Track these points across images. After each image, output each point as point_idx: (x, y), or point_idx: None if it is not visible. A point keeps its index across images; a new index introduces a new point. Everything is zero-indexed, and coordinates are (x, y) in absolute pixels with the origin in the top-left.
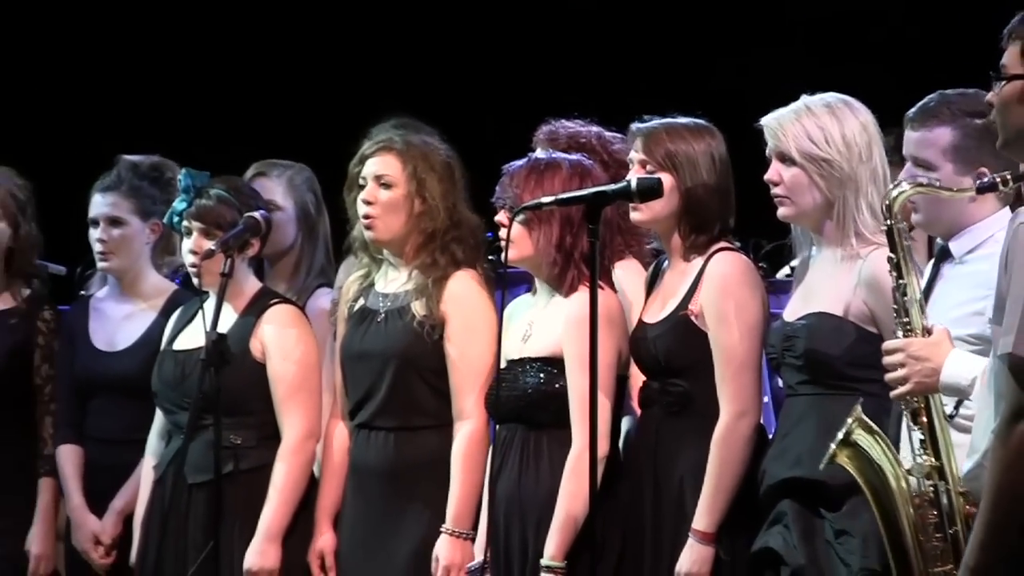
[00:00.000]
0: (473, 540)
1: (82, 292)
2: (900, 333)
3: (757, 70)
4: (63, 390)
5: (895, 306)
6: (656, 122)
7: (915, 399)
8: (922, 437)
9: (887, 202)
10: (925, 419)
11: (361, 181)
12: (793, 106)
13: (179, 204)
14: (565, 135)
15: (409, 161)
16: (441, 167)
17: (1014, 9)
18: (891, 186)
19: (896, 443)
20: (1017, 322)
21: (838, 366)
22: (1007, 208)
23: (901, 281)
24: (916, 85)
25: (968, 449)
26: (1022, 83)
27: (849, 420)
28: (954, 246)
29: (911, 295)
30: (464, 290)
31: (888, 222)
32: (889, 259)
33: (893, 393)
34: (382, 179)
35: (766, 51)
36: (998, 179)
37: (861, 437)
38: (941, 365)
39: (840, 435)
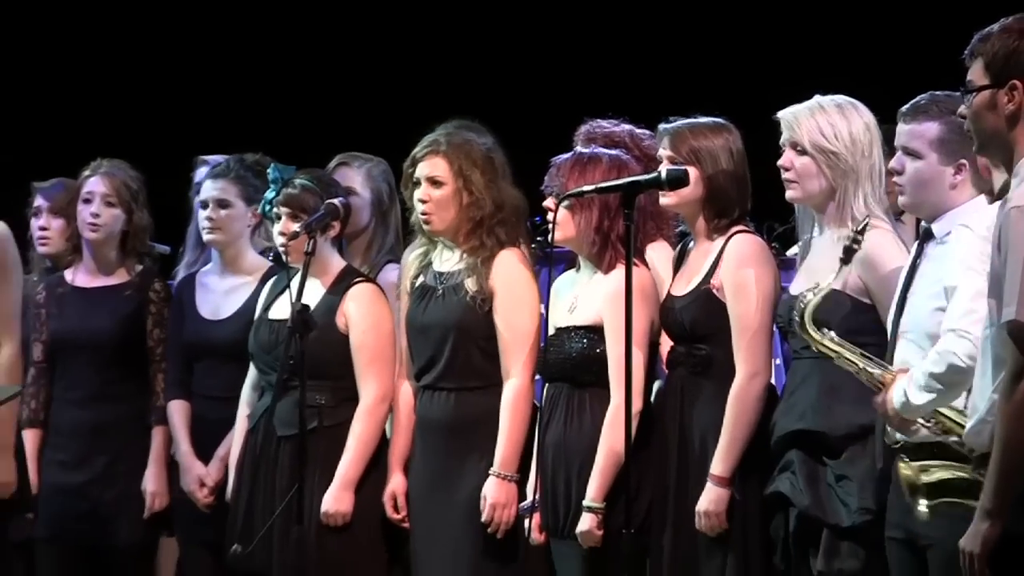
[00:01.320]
0: (517, 483)
1: (176, 268)
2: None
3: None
4: (173, 353)
5: (866, 380)
6: (681, 122)
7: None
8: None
9: (799, 318)
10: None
11: (415, 180)
12: (808, 103)
13: (269, 193)
14: (601, 133)
15: (454, 160)
16: (483, 160)
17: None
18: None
19: None
20: (1016, 294)
21: (837, 333)
22: (983, 196)
23: (855, 366)
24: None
25: (968, 410)
26: (989, 92)
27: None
28: (936, 227)
29: (863, 364)
30: (508, 267)
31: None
32: (833, 355)
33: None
34: (433, 179)
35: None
36: None
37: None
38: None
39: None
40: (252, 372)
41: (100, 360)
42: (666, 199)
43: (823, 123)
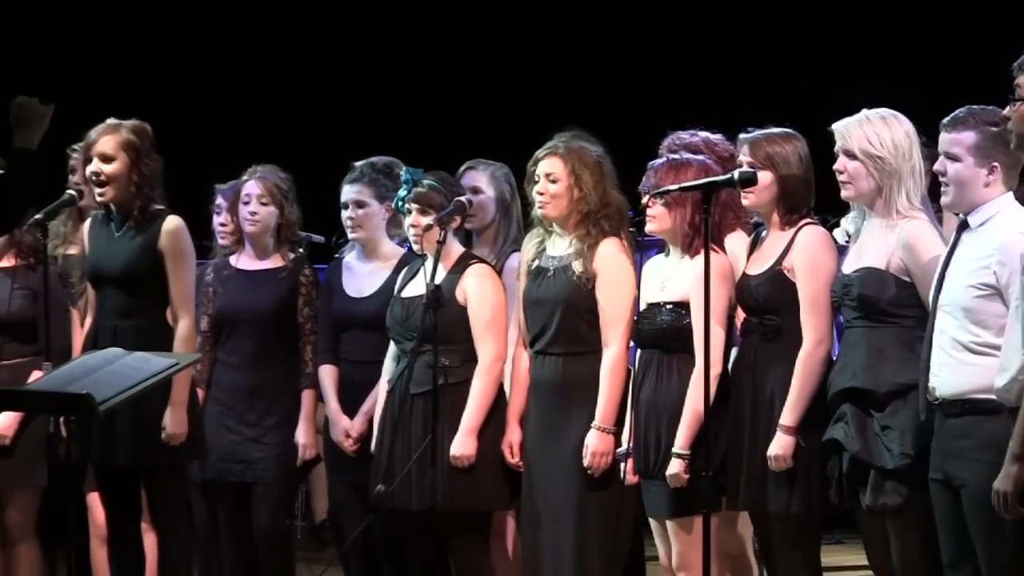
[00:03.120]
0: (615, 435)
1: (336, 256)
2: None
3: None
4: (324, 325)
5: None
6: (758, 132)
7: None
8: None
9: None
10: None
11: (536, 177)
12: (856, 116)
13: (401, 192)
14: (681, 144)
15: (569, 161)
16: (593, 164)
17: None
18: None
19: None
20: None
21: (882, 305)
22: (1010, 192)
23: None
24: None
25: (998, 368)
26: None
27: None
28: (971, 219)
29: None
30: (609, 253)
31: None
32: None
33: None
34: (550, 176)
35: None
36: None
37: None
38: None
39: None
40: (392, 346)
41: (257, 331)
42: (747, 199)
43: (870, 132)
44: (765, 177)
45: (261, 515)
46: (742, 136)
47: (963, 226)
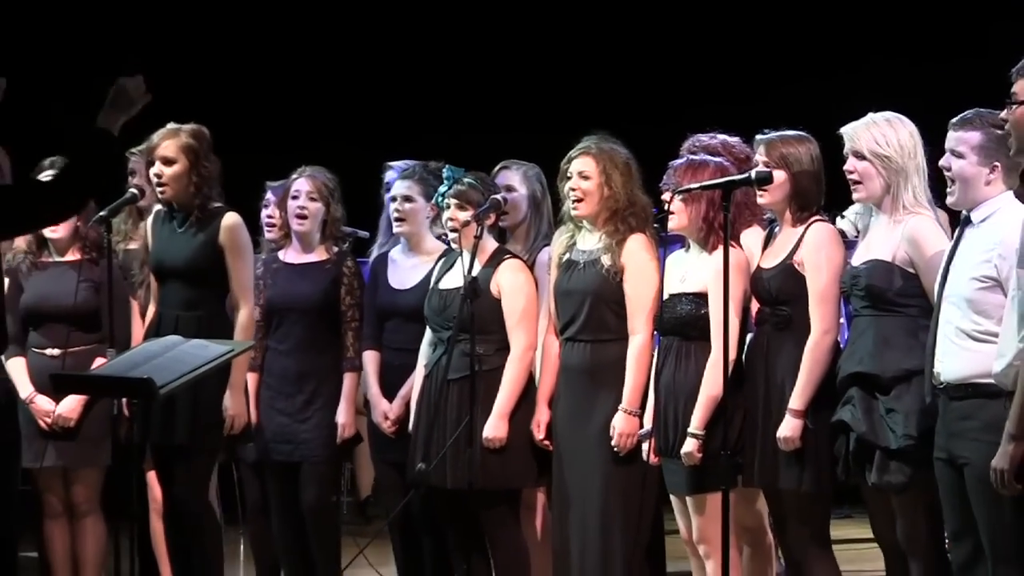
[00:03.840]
0: (639, 416)
1: (371, 249)
2: None
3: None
4: (368, 314)
5: None
6: (773, 134)
7: None
8: None
9: None
10: None
11: (569, 174)
12: (864, 119)
13: (442, 188)
14: (701, 145)
15: (600, 161)
16: (622, 165)
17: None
18: None
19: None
20: None
21: (888, 296)
22: (1011, 191)
23: None
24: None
25: (996, 355)
26: None
27: None
28: (974, 215)
29: None
30: (635, 248)
31: None
32: None
33: None
34: (583, 173)
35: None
36: None
37: None
38: None
39: None
40: (428, 333)
41: (304, 320)
42: (762, 198)
43: (877, 134)
44: (779, 176)
45: (309, 492)
46: (758, 138)
47: (966, 222)
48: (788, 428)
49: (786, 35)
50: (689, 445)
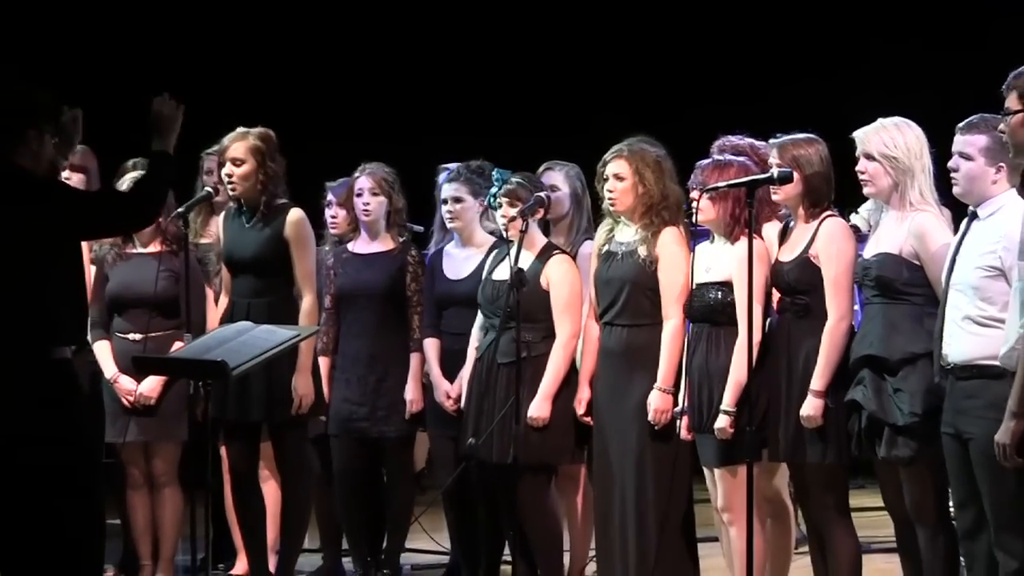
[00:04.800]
0: (673, 394)
1: (428, 245)
2: None
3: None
4: (428, 303)
5: None
6: (785, 137)
7: None
8: None
9: None
10: None
11: (605, 176)
12: (874, 124)
13: (493, 189)
14: (729, 146)
15: (633, 162)
16: (653, 163)
17: None
18: None
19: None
20: None
21: (896, 285)
22: (1013, 189)
23: None
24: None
25: (1002, 339)
26: (1022, 115)
27: None
28: (980, 211)
29: None
30: (669, 240)
31: None
32: None
33: None
34: (617, 175)
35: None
36: None
37: None
38: None
39: None
40: (479, 318)
41: (372, 305)
42: (777, 195)
43: (886, 137)
44: (793, 176)
45: (391, 463)
46: (771, 141)
47: (973, 216)
48: (811, 407)
49: (793, 35)
50: (722, 421)
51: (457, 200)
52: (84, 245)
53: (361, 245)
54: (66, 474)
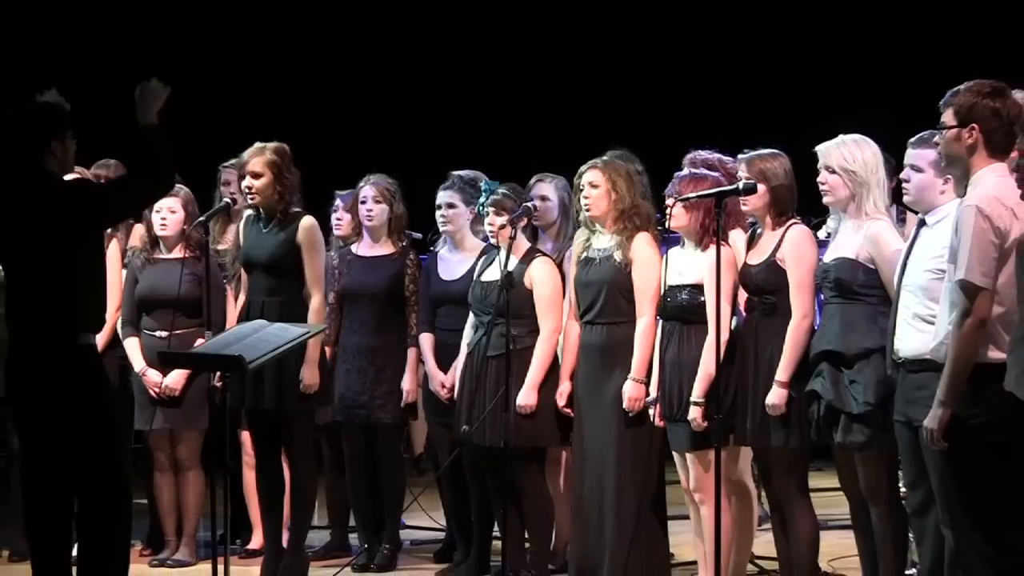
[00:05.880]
0: (645, 384)
1: (430, 248)
2: None
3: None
4: (424, 302)
5: None
6: (752, 153)
7: None
8: None
9: None
10: None
11: (581, 185)
12: (835, 140)
13: (481, 198)
14: (700, 160)
15: (607, 172)
16: (626, 174)
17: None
18: None
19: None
20: (965, 262)
21: (853, 287)
22: (959, 199)
23: None
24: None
25: (933, 334)
26: (956, 131)
27: None
28: (928, 218)
29: None
30: (641, 244)
31: None
32: None
33: None
34: (592, 183)
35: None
36: None
37: None
38: None
39: None
40: (471, 316)
41: (373, 304)
42: (746, 206)
43: (845, 152)
44: (759, 188)
45: (383, 448)
46: (740, 156)
47: (922, 223)
48: (775, 396)
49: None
50: (694, 411)
51: (450, 206)
52: (117, 250)
53: (364, 248)
54: (95, 439)
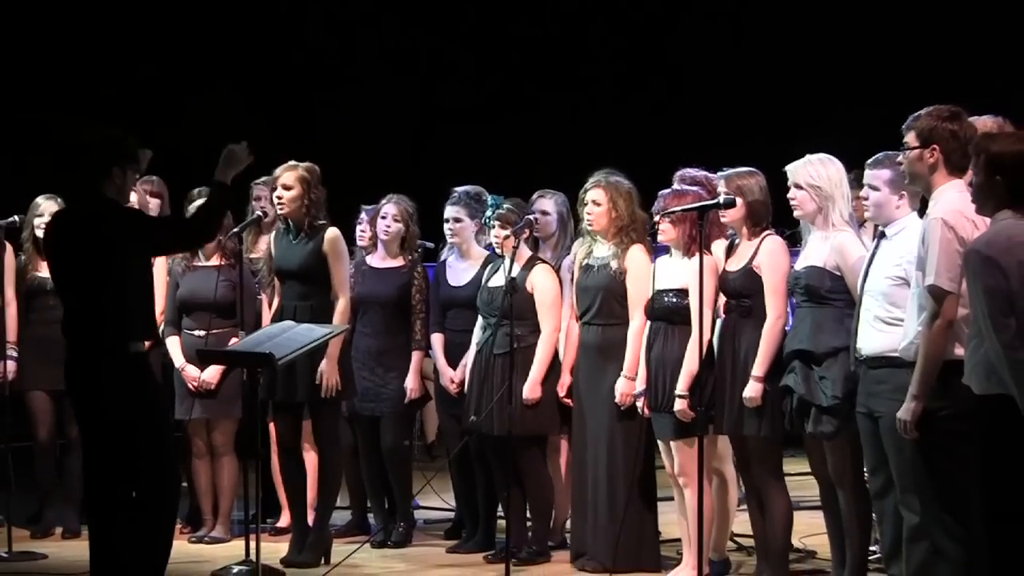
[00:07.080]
0: (635, 380)
1: (440, 258)
2: None
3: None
4: (435, 306)
5: None
6: (731, 171)
7: None
8: None
9: None
10: None
11: (585, 202)
12: (802, 160)
13: (487, 212)
14: (688, 177)
15: (607, 191)
16: (624, 193)
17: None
18: None
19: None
20: (933, 268)
21: (821, 292)
22: (915, 212)
23: None
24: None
25: (902, 335)
26: (918, 151)
27: None
28: (887, 231)
29: None
30: (635, 255)
31: None
32: None
33: None
34: (595, 201)
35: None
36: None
37: None
38: None
39: None
40: (479, 318)
41: (383, 311)
42: (725, 218)
43: (811, 170)
44: (737, 202)
45: (386, 438)
46: (719, 174)
47: (882, 235)
48: (752, 390)
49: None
50: (679, 404)
51: (457, 220)
52: (161, 258)
53: (376, 260)
54: (138, 439)
